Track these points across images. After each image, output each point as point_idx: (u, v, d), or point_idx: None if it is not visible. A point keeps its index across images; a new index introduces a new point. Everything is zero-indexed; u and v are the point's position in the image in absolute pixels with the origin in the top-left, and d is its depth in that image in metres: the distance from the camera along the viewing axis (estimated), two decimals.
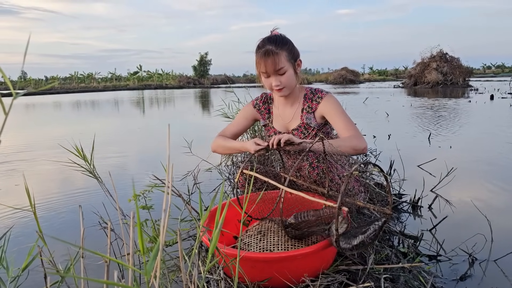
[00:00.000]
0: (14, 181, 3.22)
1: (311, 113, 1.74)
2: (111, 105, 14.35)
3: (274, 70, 1.62)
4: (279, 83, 1.64)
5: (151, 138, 5.67)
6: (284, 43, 1.64)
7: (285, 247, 1.35)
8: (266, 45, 1.62)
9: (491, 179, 2.81)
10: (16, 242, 1.93)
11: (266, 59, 1.60)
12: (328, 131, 1.82)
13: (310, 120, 1.73)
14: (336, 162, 1.84)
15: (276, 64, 1.60)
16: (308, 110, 1.74)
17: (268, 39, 1.65)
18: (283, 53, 1.61)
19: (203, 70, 45.70)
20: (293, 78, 1.67)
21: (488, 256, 1.61)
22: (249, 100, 3.60)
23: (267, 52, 1.60)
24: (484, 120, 6.18)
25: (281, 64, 1.61)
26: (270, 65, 1.61)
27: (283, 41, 1.64)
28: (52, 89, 28.03)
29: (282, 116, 1.82)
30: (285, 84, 1.65)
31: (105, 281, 0.50)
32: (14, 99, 0.46)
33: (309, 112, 1.74)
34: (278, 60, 1.60)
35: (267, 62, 1.61)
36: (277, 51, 1.60)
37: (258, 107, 1.88)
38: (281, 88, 1.67)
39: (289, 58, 1.64)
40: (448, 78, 18.56)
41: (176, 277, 1.42)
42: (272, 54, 1.60)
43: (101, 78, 45.38)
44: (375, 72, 47.76)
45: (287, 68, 1.63)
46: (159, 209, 1.87)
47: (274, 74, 1.64)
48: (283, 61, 1.61)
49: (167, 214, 0.61)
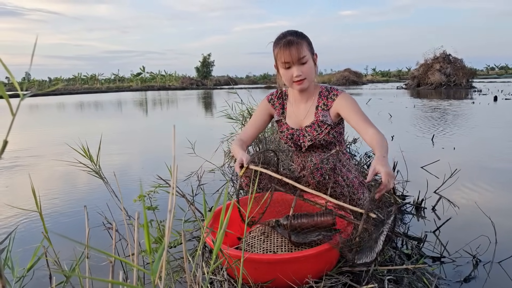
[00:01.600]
0: (19, 181, 3.23)
1: (326, 111, 1.74)
2: (114, 106, 14.39)
3: (298, 58, 1.64)
4: (301, 73, 1.66)
5: (154, 139, 5.69)
6: (303, 36, 1.69)
7: (288, 249, 1.35)
8: (287, 36, 1.66)
9: (495, 180, 2.80)
10: (20, 242, 1.94)
11: (290, 48, 1.63)
12: (341, 131, 1.82)
13: (326, 118, 1.73)
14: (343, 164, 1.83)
15: (299, 52, 1.63)
16: (324, 107, 1.75)
17: (288, 31, 1.70)
18: (304, 42, 1.65)
19: (206, 71, 45.74)
20: (313, 69, 1.70)
21: (492, 258, 1.61)
22: (252, 101, 3.55)
23: (290, 42, 1.63)
24: (488, 122, 6.16)
25: (304, 53, 1.63)
26: (294, 53, 1.63)
27: (301, 33, 1.70)
28: (56, 90, 28.13)
29: (296, 113, 1.83)
30: (306, 75, 1.67)
31: (111, 280, 0.50)
32: (22, 100, 0.47)
33: (324, 109, 1.74)
34: (301, 49, 1.63)
35: (291, 50, 1.63)
36: (299, 40, 1.64)
37: (272, 102, 1.89)
38: (302, 79, 1.67)
39: (309, 49, 1.67)
40: (451, 79, 18.50)
41: (180, 277, 1.43)
42: (295, 43, 1.63)
43: (104, 79, 45.50)
44: (378, 73, 47.62)
45: (309, 57, 1.66)
46: (163, 209, 1.88)
47: (297, 64, 1.65)
48: (305, 50, 1.64)
49: (172, 214, 0.61)
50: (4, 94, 0.40)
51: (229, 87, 29.54)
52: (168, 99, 18.92)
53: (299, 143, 1.82)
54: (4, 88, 0.40)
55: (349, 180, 1.67)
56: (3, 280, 0.41)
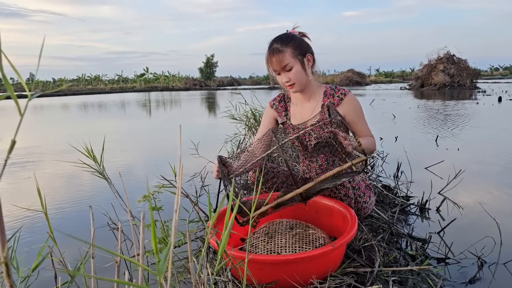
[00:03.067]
0: (24, 181, 3.25)
1: None
2: (118, 107, 14.44)
3: (280, 68, 1.69)
4: (288, 79, 1.70)
5: (158, 139, 5.70)
6: (290, 40, 1.69)
7: (292, 249, 1.35)
8: (273, 44, 1.70)
9: (500, 181, 2.78)
10: (25, 242, 1.95)
11: (272, 57, 1.68)
12: (346, 130, 1.82)
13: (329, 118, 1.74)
14: None
15: (280, 62, 1.67)
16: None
17: (276, 37, 1.72)
18: (288, 49, 1.67)
19: (209, 72, 45.79)
20: (301, 73, 1.71)
21: (497, 259, 1.60)
22: (256, 102, 3.56)
23: (273, 51, 1.68)
24: (492, 122, 6.13)
25: (286, 61, 1.66)
26: (275, 63, 1.68)
27: (288, 38, 1.70)
28: (60, 91, 28.24)
29: (300, 112, 1.85)
30: (294, 80, 1.70)
31: (118, 280, 0.50)
32: (29, 101, 0.47)
33: None
34: (282, 58, 1.66)
35: (273, 61, 1.68)
36: (282, 48, 1.66)
37: (275, 106, 1.92)
38: (291, 84, 1.72)
39: (295, 54, 1.68)
40: (455, 80, 18.44)
41: (184, 278, 1.43)
42: (276, 52, 1.67)
43: (108, 80, 45.65)
44: (382, 74, 47.47)
45: (293, 64, 1.68)
46: (167, 210, 1.88)
47: (282, 71, 1.70)
48: (288, 58, 1.66)
49: (177, 214, 0.62)
50: (13, 95, 0.40)
51: (233, 87, 29.57)
52: (171, 99, 18.96)
53: (305, 142, 1.82)
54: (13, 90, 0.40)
55: (355, 182, 1.67)
56: (11, 280, 0.41)
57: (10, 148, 0.40)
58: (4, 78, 0.39)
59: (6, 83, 0.40)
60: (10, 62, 0.40)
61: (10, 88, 0.39)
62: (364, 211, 1.74)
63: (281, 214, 1.69)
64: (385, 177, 2.89)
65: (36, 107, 14.70)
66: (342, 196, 1.61)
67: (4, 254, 0.37)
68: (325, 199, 1.65)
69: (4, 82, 0.40)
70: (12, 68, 0.41)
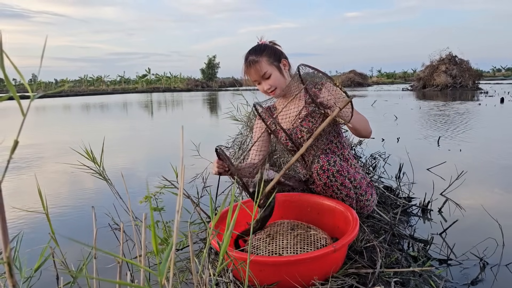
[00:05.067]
0: (24, 182, 3.26)
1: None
2: (120, 107, 14.46)
3: (259, 76, 1.77)
4: (269, 86, 1.78)
5: (159, 140, 5.71)
6: (263, 49, 1.78)
7: (294, 250, 1.35)
8: (248, 57, 1.79)
9: (502, 182, 2.78)
10: (28, 243, 1.95)
11: (250, 69, 1.77)
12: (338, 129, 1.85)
13: (315, 108, 1.75)
14: (350, 166, 1.83)
15: (258, 71, 1.75)
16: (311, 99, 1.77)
17: (250, 50, 1.81)
18: (263, 58, 1.75)
19: (211, 73, 45.85)
20: (280, 78, 1.79)
21: (500, 261, 1.59)
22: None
23: (250, 63, 1.77)
24: (494, 123, 6.12)
25: (263, 69, 1.75)
26: (254, 73, 1.77)
27: (261, 48, 1.80)
28: (62, 92, 28.33)
29: (287, 114, 1.87)
30: (275, 85, 1.78)
31: (119, 281, 0.50)
32: (32, 101, 0.47)
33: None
34: (259, 67, 1.75)
35: (251, 72, 1.77)
36: (257, 58, 1.75)
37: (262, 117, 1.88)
38: (273, 90, 1.79)
39: (271, 62, 1.77)
40: (458, 81, 18.41)
41: (186, 279, 1.43)
42: (253, 63, 1.75)
43: (110, 81, 45.79)
44: (384, 75, 47.44)
45: (271, 71, 1.76)
46: (169, 210, 1.88)
47: (262, 79, 1.78)
48: (265, 66, 1.75)
49: (179, 215, 0.62)
50: (16, 95, 0.40)
51: (234, 88, 29.58)
52: (173, 100, 18.98)
53: (298, 140, 1.82)
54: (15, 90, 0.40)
55: (356, 181, 1.67)
56: (14, 279, 0.41)
57: (13, 148, 0.40)
58: (6, 79, 0.40)
59: (8, 83, 0.40)
60: (12, 62, 0.40)
61: (12, 88, 0.40)
62: (367, 209, 1.74)
63: (283, 215, 1.69)
64: (387, 178, 2.89)
65: (38, 108, 14.74)
66: (344, 197, 1.61)
67: (6, 254, 0.37)
68: (327, 199, 1.64)
69: (6, 82, 0.40)
70: (14, 69, 0.41)
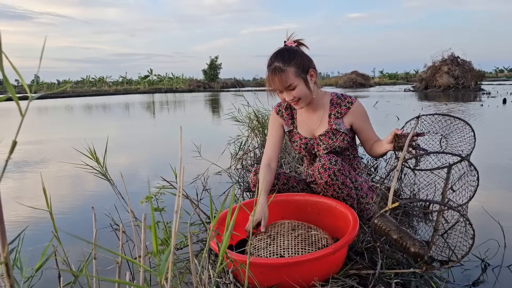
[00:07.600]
0: (26, 182, 3.27)
1: (340, 118, 1.72)
2: (122, 108, 14.49)
3: (283, 88, 1.60)
4: (292, 98, 1.63)
5: (160, 141, 5.71)
6: (292, 58, 1.60)
7: (295, 251, 1.35)
8: (274, 63, 1.60)
9: (504, 184, 2.77)
10: (29, 242, 1.96)
11: (274, 78, 1.59)
12: (353, 136, 1.81)
13: (339, 126, 1.71)
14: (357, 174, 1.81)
15: (284, 82, 1.58)
16: (337, 115, 1.72)
17: (276, 54, 1.62)
18: (291, 69, 1.58)
19: (213, 74, 45.88)
20: (305, 91, 1.63)
21: (501, 262, 1.59)
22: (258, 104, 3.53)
23: (275, 70, 1.58)
24: (497, 124, 6.10)
25: (289, 81, 1.58)
26: (278, 83, 1.59)
27: (290, 55, 1.60)
28: (64, 93, 28.42)
29: (307, 122, 1.79)
30: (299, 96, 1.63)
31: (119, 280, 0.51)
32: (30, 102, 0.47)
33: (338, 117, 1.72)
34: (285, 78, 1.57)
35: (275, 81, 1.59)
36: (284, 67, 1.57)
37: (281, 113, 1.84)
38: (296, 101, 1.65)
39: (298, 73, 1.60)
40: (460, 81, 18.36)
41: (186, 280, 1.43)
42: (279, 72, 1.57)
43: (112, 82, 45.88)
44: (386, 75, 47.31)
45: (297, 83, 1.60)
46: (169, 212, 1.88)
47: (285, 90, 1.62)
48: (291, 78, 1.58)
49: (179, 215, 0.62)
50: (14, 96, 0.40)
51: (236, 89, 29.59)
52: (175, 101, 19.00)
53: (313, 151, 1.80)
54: (14, 90, 0.40)
55: (357, 183, 1.67)
56: (11, 280, 0.41)
57: (11, 149, 0.41)
58: (5, 79, 0.40)
59: (6, 83, 0.40)
60: (11, 63, 0.40)
61: (11, 88, 0.40)
62: (367, 212, 1.74)
63: (283, 215, 1.69)
64: (388, 179, 2.88)
65: (40, 109, 14.78)
66: (345, 196, 1.61)
67: (4, 254, 0.37)
68: (327, 199, 1.64)
69: (4, 82, 0.40)
70: (13, 69, 0.41)
